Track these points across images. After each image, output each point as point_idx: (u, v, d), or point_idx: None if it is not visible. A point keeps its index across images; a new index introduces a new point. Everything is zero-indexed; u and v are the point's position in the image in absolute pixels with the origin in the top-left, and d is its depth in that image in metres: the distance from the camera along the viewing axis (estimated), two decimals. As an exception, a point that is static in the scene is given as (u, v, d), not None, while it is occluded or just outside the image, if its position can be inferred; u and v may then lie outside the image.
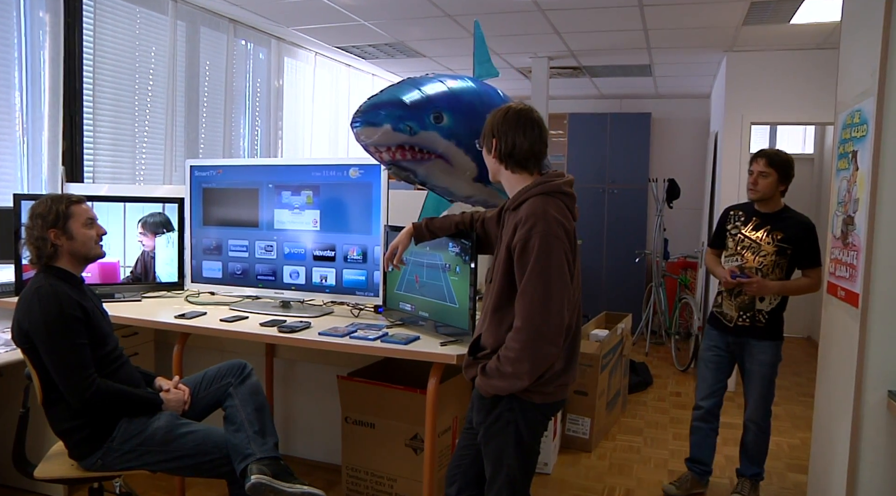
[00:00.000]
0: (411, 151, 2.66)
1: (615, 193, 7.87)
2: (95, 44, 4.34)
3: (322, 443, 3.69)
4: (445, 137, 2.69)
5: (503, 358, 2.01)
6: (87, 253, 2.50)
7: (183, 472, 2.57)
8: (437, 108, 2.68)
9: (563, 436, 4.13)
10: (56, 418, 2.41)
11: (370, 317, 3.17)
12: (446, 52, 6.33)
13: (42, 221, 2.41)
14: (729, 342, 3.38)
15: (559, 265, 1.98)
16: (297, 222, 3.28)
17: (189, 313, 3.14)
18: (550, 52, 6.21)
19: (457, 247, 2.63)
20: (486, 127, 2.14)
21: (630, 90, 7.91)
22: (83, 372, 2.32)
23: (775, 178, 3.21)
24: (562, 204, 2.06)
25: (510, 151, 2.09)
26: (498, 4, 4.77)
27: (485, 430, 2.14)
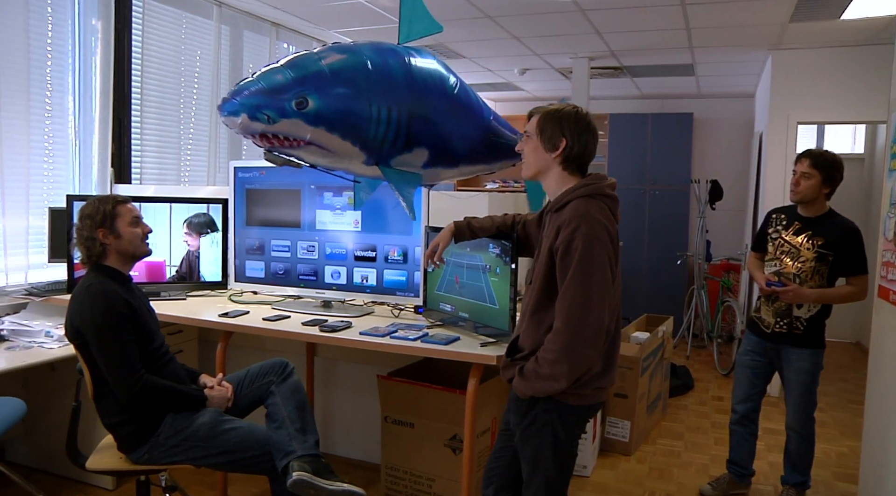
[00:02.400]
0: (276, 140, 2.44)
1: (656, 194, 7.78)
2: (143, 49, 4.44)
3: (361, 442, 3.72)
4: (311, 124, 2.42)
5: (541, 359, 2.00)
6: (134, 251, 2.57)
7: (225, 468, 2.61)
8: (301, 92, 2.40)
9: (603, 438, 4.10)
10: (106, 412, 2.48)
11: (410, 317, 3.18)
12: (486, 53, 6.33)
13: (91, 221, 2.49)
14: (766, 348, 3.30)
15: (601, 268, 1.96)
16: (338, 223, 3.32)
17: (232, 312, 3.20)
18: (591, 53, 6.16)
19: (497, 248, 2.63)
20: (551, 125, 2.10)
21: (671, 90, 7.81)
22: (131, 368, 2.38)
23: (819, 179, 3.07)
24: (605, 206, 2.05)
25: (580, 154, 2.09)
26: (538, 5, 4.75)
27: (522, 432, 2.14)
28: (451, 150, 2.81)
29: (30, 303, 3.62)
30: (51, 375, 3.36)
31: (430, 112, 2.66)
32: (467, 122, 2.86)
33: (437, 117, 2.69)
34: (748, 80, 7.06)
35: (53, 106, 3.93)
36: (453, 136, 2.78)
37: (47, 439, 3.48)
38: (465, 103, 2.85)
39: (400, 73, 2.58)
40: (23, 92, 3.68)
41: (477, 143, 2.93)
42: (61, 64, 3.95)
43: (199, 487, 3.37)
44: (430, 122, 2.66)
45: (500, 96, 8.77)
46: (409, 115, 2.56)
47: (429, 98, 2.66)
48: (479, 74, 7.37)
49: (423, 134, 2.64)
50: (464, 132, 2.83)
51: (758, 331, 3.32)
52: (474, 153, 2.95)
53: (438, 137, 2.71)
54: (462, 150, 2.86)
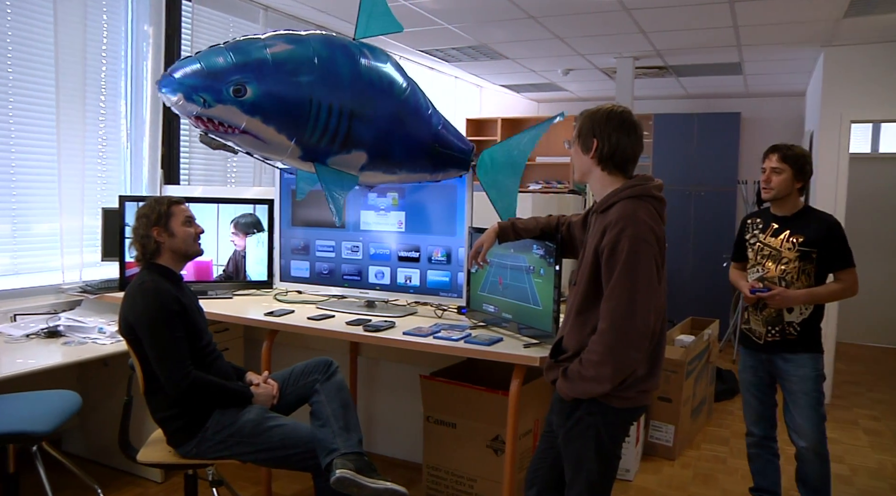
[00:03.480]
0: (211, 124, 2.39)
1: (702, 196, 7.66)
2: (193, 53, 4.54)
3: (403, 442, 3.75)
4: (247, 113, 2.36)
5: (585, 361, 2.00)
6: (186, 250, 2.64)
7: (270, 464, 2.66)
8: (239, 80, 2.33)
9: (646, 442, 4.05)
10: (156, 407, 2.55)
11: (453, 317, 3.19)
12: (529, 53, 6.32)
13: (146, 220, 2.58)
14: (762, 360, 3.05)
15: (647, 269, 1.95)
16: (382, 223, 3.34)
17: (278, 311, 3.25)
18: (635, 52, 6.10)
19: (541, 249, 2.62)
20: (583, 127, 2.11)
21: (718, 89, 7.68)
22: (180, 364, 2.45)
23: (790, 174, 2.89)
24: (652, 208, 2.03)
25: (612, 153, 2.08)
26: (582, 5, 4.72)
27: (565, 434, 2.13)
28: (391, 155, 2.72)
29: (84, 300, 3.74)
30: (104, 370, 3.45)
31: (373, 114, 2.58)
32: (412, 129, 2.75)
33: (380, 121, 2.61)
34: (799, 78, 6.90)
35: (107, 110, 4.05)
36: (395, 142, 2.70)
37: (100, 432, 3.59)
38: (411, 109, 2.74)
39: (347, 71, 2.49)
40: (79, 97, 3.80)
41: (420, 152, 2.83)
42: (115, 69, 4.07)
43: (244, 482, 3.43)
44: (372, 124, 2.58)
45: (543, 97, 8.74)
46: (350, 115, 2.49)
47: (373, 100, 2.58)
48: (522, 75, 7.35)
49: (364, 136, 2.57)
50: (407, 139, 2.74)
51: (750, 344, 3.08)
52: (416, 161, 2.85)
53: (379, 141, 2.63)
54: (403, 156, 2.77)
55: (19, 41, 3.58)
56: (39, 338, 3.34)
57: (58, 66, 3.68)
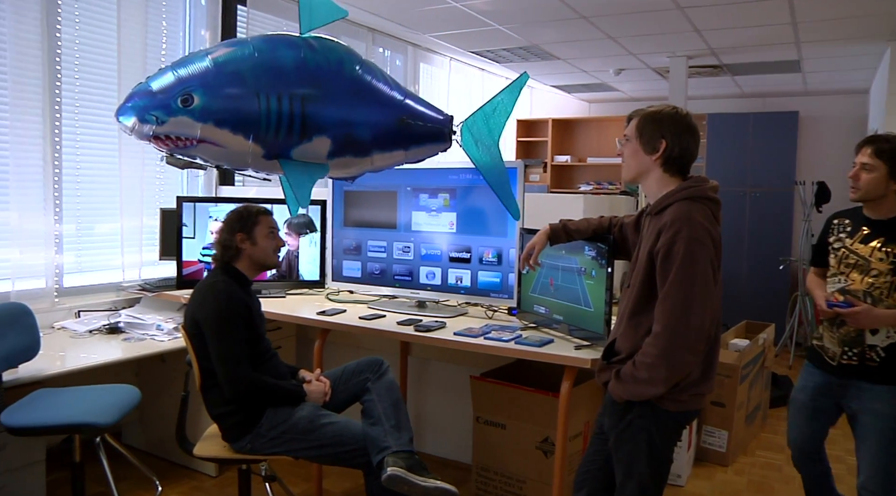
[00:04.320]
0: (170, 141, 2.37)
1: (757, 197, 7.49)
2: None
3: (453, 442, 3.75)
4: (199, 120, 2.34)
5: (639, 363, 1.98)
6: (265, 260, 2.72)
7: (322, 461, 2.70)
8: (185, 90, 2.33)
9: (699, 447, 3.98)
10: (211, 403, 2.62)
11: (504, 318, 3.19)
12: (581, 54, 6.27)
13: (232, 225, 2.67)
14: (831, 384, 2.61)
15: (703, 272, 1.92)
16: (433, 224, 3.36)
17: (330, 310, 3.29)
18: (689, 51, 6.01)
19: (593, 250, 2.60)
20: (646, 127, 2.09)
21: (775, 88, 7.51)
22: (239, 365, 2.51)
23: (884, 172, 2.48)
24: (707, 210, 2.00)
25: (680, 155, 2.06)
26: (635, 4, 4.67)
27: (616, 436, 2.11)
28: (356, 135, 2.63)
29: (143, 298, 3.85)
30: (161, 366, 3.55)
31: (327, 96, 2.51)
32: (372, 105, 2.66)
33: (335, 101, 2.54)
34: (862, 75, 6.70)
35: (166, 112, 4.15)
36: (356, 121, 2.61)
37: (157, 425, 3.69)
38: (367, 85, 2.64)
39: (290, 60, 2.46)
40: (139, 100, 3.91)
41: (386, 128, 2.72)
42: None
43: (295, 479, 3.48)
44: (328, 106, 2.52)
45: (595, 97, 8.67)
46: (301, 101, 2.45)
47: (323, 82, 2.51)
48: (574, 75, 7.31)
49: (322, 120, 2.50)
50: (369, 116, 2.65)
51: (820, 363, 2.65)
52: (385, 139, 2.74)
53: (339, 123, 2.56)
54: (369, 135, 2.67)
55: (86, 49, 3.71)
56: (101, 333, 3.46)
57: (120, 71, 3.81)
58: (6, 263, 3.42)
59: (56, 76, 3.56)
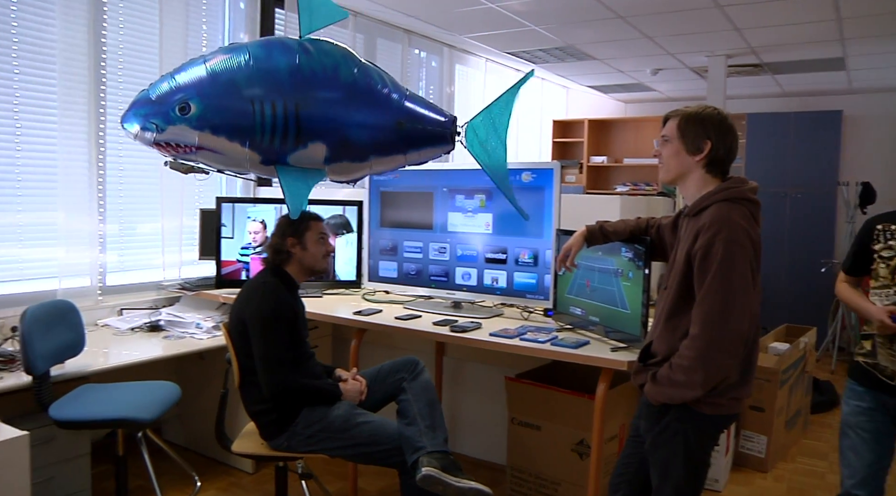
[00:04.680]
0: (170, 147, 2.43)
1: (798, 198, 7.35)
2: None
3: (487, 442, 3.76)
4: (197, 128, 2.39)
5: (676, 366, 1.96)
6: (314, 265, 2.76)
7: (357, 459, 2.72)
8: (182, 98, 2.38)
9: (737, 452, 3.92)
10: (249, 400, 2.66)
11: (540, 320, 3.18)
12: (618, 53, 6.23)
13: (284, 229, 2.72)
14: (888, 406, 2.40)
15: (742, 274, 1.90)
16: (469, 225, 3.37)
17: (366, 310, 3.31)
18: (728, 50, 5.93)
19: (630, 252, 2.58)
20: (689, 128, 2.07)
21: (817, 86, 7.36)
22: (280, 366, 2.55)
23: None
24: (747, 211, 1.98)
25: (725, 156, 2.05)
26: (672, 3, 4.62)
27: (652, 439, 2.10)
28: (352, 140, 2.61)
29: (182, 297, 3.92)
30: (200, 364, 3.61)
31: (320, 103, 2.50)
32: (367, 110, 2.62)
33: (330, 107, 2.53)
34: (910, 73, 6.55)
35: (206, 114, 4.22)
36: (352, 126, 2.58)
37: (196, 422, 3.75)
38: (363, 89, 2.61)
39: (284, 67, 2.46)
40: (180, 102, 3.99)
41: (383, 132, 2.67)
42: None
43: (331, 477, 3.51)
44: (322, 113, 2.51)
45: (631, 97, 8.60)
46: (295, 108, 2.44)
47: (318, 88, 2.50)
48: (610, 75, 7.26)
49: (316, 126, 2.50)
50: (365, 121, 2.61)
51: (873, 383, 2.42)
52: (382, 143, 2.69)
53: (334, 128, 2.54)
54: (365, 140, 2.64)
55: (129, 53, 3.79)
56: (142, 331, 3.54)
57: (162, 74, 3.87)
58: (53, 262, 3.52)
59: (101, 80, 3.65)
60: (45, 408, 2.69)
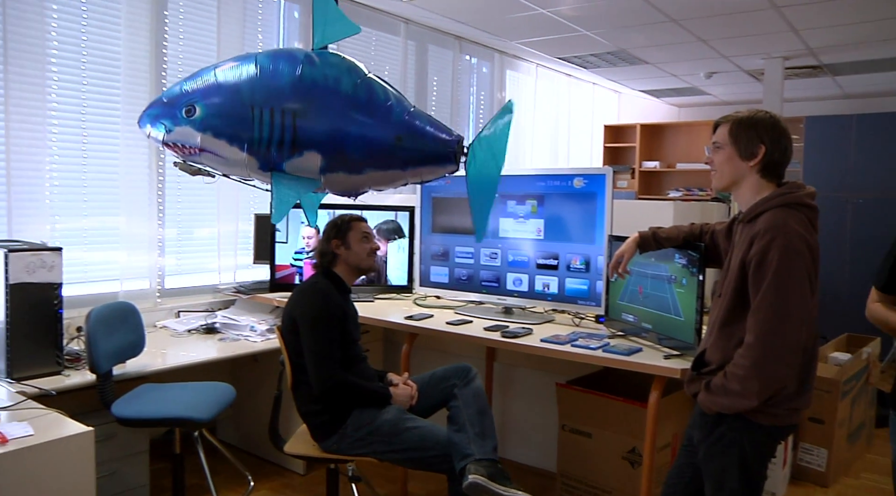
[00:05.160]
0: (177, 148, 2.53)
1: (860, 203, 7.12)
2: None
3: (537, 449, 3.74)
4: (200, 130, 2.47)
5: (730, 375, 1.93)
6: (359, 263, 2.82)
7: (406, 464, 2.73)
8: (189, 101, 2.48)
9: (795, 465, 3.82)
10: (301, 401, 2.71)
11: (591, 326, 3.16)
12: (670, 57, 6.15)
13: (328, 233, 2.82)
14: None
15: (798, 281, 1.86)
16: (521, 231, 3.36)
17: (417, 315, 3.34)
18: (786, 52, 5.80)
19: (684, 258, 2.55)
20: (743, 132, 2.03)
21: (881, 87, 7.13)
22: (330, 363, 2.59)
23: None
24: (804, 217, 1.94)
25: (780, 160, 2.01)
26: (727, 5, 4.55)
27: (706, 449, 2.06)
28: (348, 152, 2.58)
29: (237, 300, 4.01)
30: (254, 366, 3.69)
31: (318, 112, 2.50)
32: (365, 123, 2.58)
33: (327, 117, 2.52)
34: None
35: (262, 122, 4.32)
36: (348, 138, 2.56)
37: (249, 423, 3.83)
38: (363, 102, 2.58)
39: (287, 75, 2.49)
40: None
41: (379, 146, 2.62)
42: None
43: (381, 480, 3.53)
44: (319, 122, 2.50)
45: (684, 102, 8.46)
46: (293, 116, 2.46)
47: (317, 98, 2.50)
48: (662, 80, 7.17)
49: (312, 135, 2.50)
50: (362, 133, 2.58)
51: None
52: (379, 157, 2.64)
53: (330, 139, 2.53)
54: (361, 153, 2.59)
55: (188, 63, 3.89)
56: (199, 333, 3.63)
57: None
58: (115, 265, 3.64)
59: (161, 90, 3.76)
60: (107, 405, 2.78)
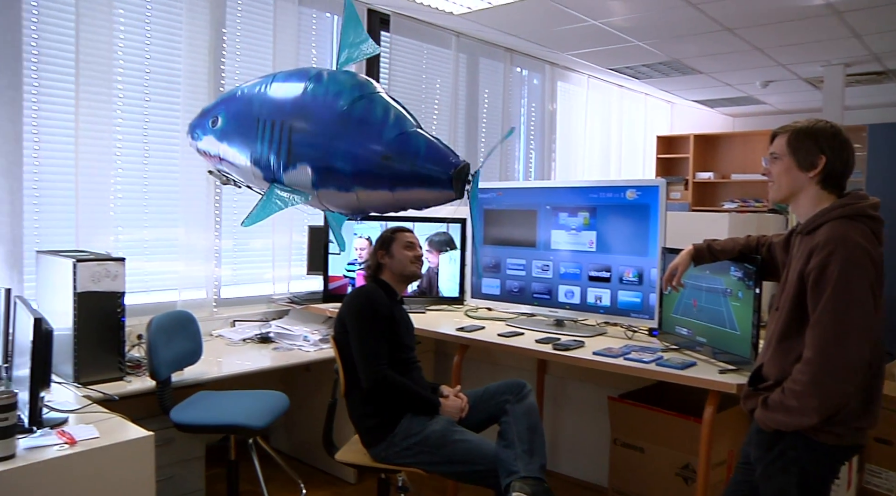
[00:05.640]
0: (206, 156, 2.76)
1: (927, 214, 6.86)
2: (390, 80, 4.83)
3: (588, 463, 3.69)
4: (219, 140, 2.67)
5: (789, 391, 1.88)
6: (402, 270, 2.88)
7: (453, 477, 2.73)
8: (216, 113, 2.70)
9: (861, 488, 3.68)
10: (353, 405, 2.76)
11: (644, 339, 3.12)
12: (724, 67, 6.05)
13: (376, 246, 2.94)
14: None
15: (861, 295, 1.81)
16: (573, 243, 3.35)
17: (468, 326, 3.34)
18: (847, 58, 5.65)
19: (740, 271, 2.50)
20: (802, 142, 2.00)
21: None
22: (377, 358, 2.65)
23: None
24: (867, 229, 1.88)
25: (841, 171, 1.97)
26: (785, 12, 4.46)
27: (764, 468, 2.01)
28: (336, 168, 2.53)
29: (291, 310, 4.07)
30: (306, 375, 3.74)
31: (311, 126, 2.51)
32: (354, 140, 2.54)
33: (318, 132, 2.51)
34: None
35: (315, 135, 4.40)
36: (336, 154, 2.52)
37: (302, 431, 3.88)
38: (356, 119, 2.53)
39: (291, 91, 2.57)
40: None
41: (366, 164, 2.54)
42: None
43: (431, 492, 3.53)
44: (310, 136, 2.51)
45: (739, 111, 8.31)
46: (290, 129, 2.51)
47: (313, 112, 2.51)
48: (717, 89, 7.06)
49: (303, 149, 2.52)
50: (350, 150, 2.52)
51: None
52: (366, 176, 2.56)
53: (319, 154, 2.52)
54: (348, 170, 2.54)
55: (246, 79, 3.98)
56: (253, 342, 3.70)
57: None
58: (174, 275, 3.75)
59: (220, 103, 3.88)
60: (166, 411, 2.86)
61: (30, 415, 2.02)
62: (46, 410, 2.21)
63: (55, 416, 2.23)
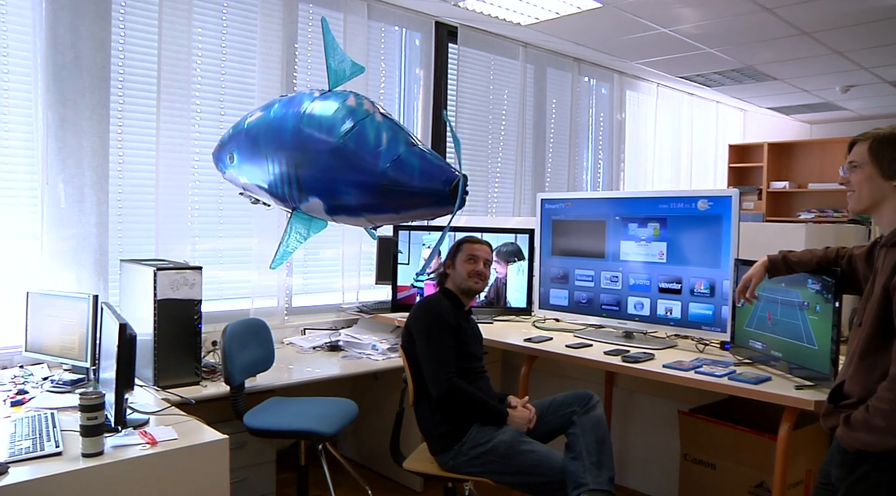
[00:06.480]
0: (234, 184, 2.99)
1: None
2: (458, 91, 4.88)
3: (657, 478, 3.62)
4: (238, 174, 2.90)
5: (873, 409, 1.80)
6: (460, 283, 2.91)
7: (520, 488, 2.71)
8: (230, 150, 2.88)
9: (948, 511, 3.50)
10: (421, 413, 2.78)
11: (716, 353, 3.05)
12: (800, 72, 5.87)
13: (447, 254, 2.99)
14: None
15: None
16: (642, 254, 3.30)
17: (536, 337, 3.33)
18: (937, 60, 5.40)
19: (818, 283, 2.42)
20: (889, 149, 1.91)
21: None
22: (445, 367, 2.67)
23: None
24: (955, 240, 1.80)
25: None
26: (866, 13, 4.30)
27: (847, 489, 1.93)
28: (342, 199, 2.63)
29: (360, 319, 4.14)
30: (374, 384, 3.79)
31: (313, 162, 2.62)
32: (353, 171, 2.58)
33: (320, 167, 2.61)
34: None
35: (383, 147, 4.48)
36: (340, 185, 2.60)
37: (369, 439, 3.93)
38: (351, 151, 2.56)
39: (289, 126, 2.66)
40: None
41: (368, 193, 2.60)
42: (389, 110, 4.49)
43: (498, 502, 3.54)
44: (315, 171, 2.63)
45: (817, 118, 8.03)
46: (295, 166, 2.64)
47: (312, 149, 2.61)
48: (792, 96, 6.84)
49: (311, 183, 2.64)
50: (351, 181, 2.57)
51: None
52: (370, 203, 2.63)
53: (326, 186, 2.63)
54: (353, 199, 2.62)
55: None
56: (323, 350, 3.77)
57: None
58: (247, 283, 3.86)
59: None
60: (239, 416, 2.95)
61: (115, 416, 2.11)
62: (129, 411, 2.31)
63: (137, 417, 2.34)
